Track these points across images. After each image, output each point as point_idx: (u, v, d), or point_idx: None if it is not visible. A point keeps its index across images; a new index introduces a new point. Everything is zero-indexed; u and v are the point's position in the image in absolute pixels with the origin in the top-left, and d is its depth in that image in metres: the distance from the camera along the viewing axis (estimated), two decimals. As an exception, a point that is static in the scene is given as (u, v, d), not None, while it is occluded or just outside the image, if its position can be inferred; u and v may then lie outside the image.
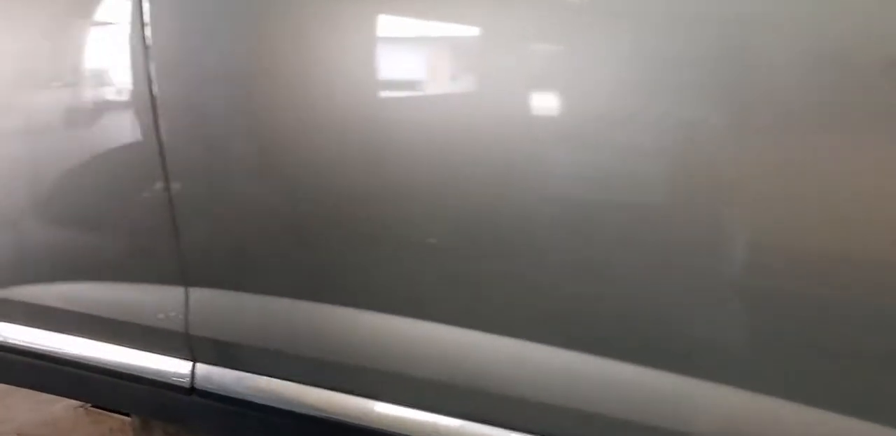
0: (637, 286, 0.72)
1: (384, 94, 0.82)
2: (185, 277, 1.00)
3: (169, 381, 1.04)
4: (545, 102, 0.73)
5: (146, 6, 0.90)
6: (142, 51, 0.91)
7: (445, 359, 0.86)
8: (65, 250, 1.09)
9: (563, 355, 0.78)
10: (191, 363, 1.03)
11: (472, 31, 0.77)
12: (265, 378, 0.98)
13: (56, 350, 1.14)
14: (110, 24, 0.94)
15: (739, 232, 0.68)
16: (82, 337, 1.11)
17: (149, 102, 0.93)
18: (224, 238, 0.97)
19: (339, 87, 0.82)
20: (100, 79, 0.97)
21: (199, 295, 1.00)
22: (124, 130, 0.96)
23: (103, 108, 0.98)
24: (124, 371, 1.07)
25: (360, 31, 0.80)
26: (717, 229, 0.68)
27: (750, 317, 0.69)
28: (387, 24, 0.80)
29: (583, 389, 0.78)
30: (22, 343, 1.17)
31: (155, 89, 0.92)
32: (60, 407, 1.70)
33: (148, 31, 0.90)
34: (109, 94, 0.96)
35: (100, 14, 0.95)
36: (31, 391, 1.50)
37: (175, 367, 1.04)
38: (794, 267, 0.66)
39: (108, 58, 0.97)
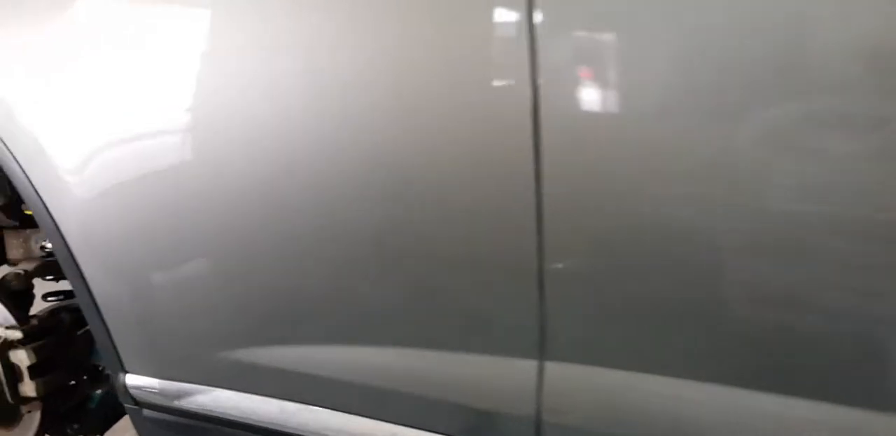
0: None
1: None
2: (543, 347, 0.79)
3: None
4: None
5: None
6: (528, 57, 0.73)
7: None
8: (358, 305, 0.87)
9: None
10: (537, 458, 0.81)
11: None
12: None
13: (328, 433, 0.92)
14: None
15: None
16: (372, 418, 0.89)
17: (530, 128, 0.74)
18: (602, 298, 0.76)
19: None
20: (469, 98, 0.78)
21: (559, 372, 0.79)
22: (494, 162, 0.77)
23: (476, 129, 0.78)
24: (436, 465, 0.85)
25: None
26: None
27: None
28: None
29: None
30: (272, 422, 0.96)
31: (540, 118, 0.73)
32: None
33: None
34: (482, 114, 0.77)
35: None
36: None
37: (514, 462, 0.82)
38: None
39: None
